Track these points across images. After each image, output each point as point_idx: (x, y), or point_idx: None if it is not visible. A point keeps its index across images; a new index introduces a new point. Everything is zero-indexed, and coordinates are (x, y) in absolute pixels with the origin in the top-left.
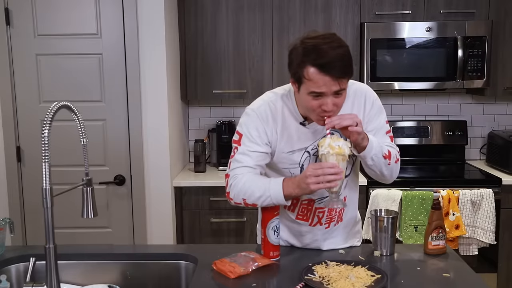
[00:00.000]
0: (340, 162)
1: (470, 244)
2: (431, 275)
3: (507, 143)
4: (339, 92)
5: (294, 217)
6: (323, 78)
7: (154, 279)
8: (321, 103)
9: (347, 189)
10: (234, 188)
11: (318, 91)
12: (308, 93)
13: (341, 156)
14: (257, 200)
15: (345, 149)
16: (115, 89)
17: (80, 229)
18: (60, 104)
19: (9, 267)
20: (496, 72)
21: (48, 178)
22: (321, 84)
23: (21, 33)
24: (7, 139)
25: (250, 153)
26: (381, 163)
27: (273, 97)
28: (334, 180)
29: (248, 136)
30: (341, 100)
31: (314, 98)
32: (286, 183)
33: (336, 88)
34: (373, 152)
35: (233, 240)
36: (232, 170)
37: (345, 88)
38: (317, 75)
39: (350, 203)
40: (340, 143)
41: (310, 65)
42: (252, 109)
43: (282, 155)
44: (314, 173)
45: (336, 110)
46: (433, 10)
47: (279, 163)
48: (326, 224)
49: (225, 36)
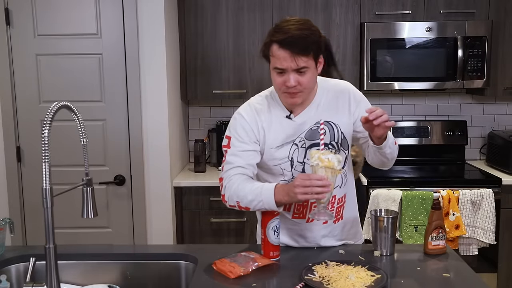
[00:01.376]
0: (329, 175)
1: (470, 244)
2: (431, 275)
3: (507, 143)
4: (301, 70)
5: (290, 216)
6: (283, 53)
7: (154, 279)
8: (284, 80)
9: (346, 187)
10: (228, 190)
11: (279, 66)
12: (273, 69)
13: (330, 170)
14: (249, 204)
15: (334, 162)
16: (115, 89)
17: (80, 229)
18: (60, 104)
19: (9, 267)
20: (496, 72)
21: (48, 178)
22: (281, 60)
23: (21, 33)
24: (7, 139)
25: (240, 153)
26: (395, 150)
27: (258, 98)
28: (322, 192)
29: (236, 137)
30: (305, 79)
31: (278, 74)
32: (278, 189)
33: (294, 66)
34: (390, 141)
35: (233, 240)
36: (225, 172)
37: (306, 67)
38: (277, 50)
39: (349, 200)
40: (330, 156)
41: (274, 43)
42: (238, 112)
43: (271, 151)
44: (302, 184)
45: (300, 88)
46: (433, 10)
47: (269, 161)
48: None
49: (225, 36)
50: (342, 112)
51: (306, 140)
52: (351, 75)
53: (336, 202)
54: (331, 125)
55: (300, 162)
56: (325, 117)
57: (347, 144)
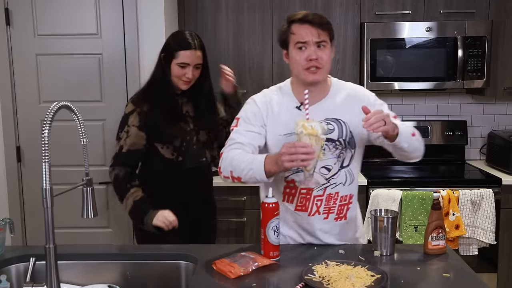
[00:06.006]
0: (314, 143)
1: (470, 244)
2: (431, 275)
3: (507, 143)
4: (321, 44)
5: (293, 208)
6: (304, 27)
7: (154, 279)
8: (306, 55)
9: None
10: (224, 161)
11: (302, 40)
12: (294, 46)
13: (314, 137)
14: (241, 173)
15: (318, 130)
16: (115, 89)
17: (80, 229)
18: (60, 104)
19: (9, 267)
20: (496, 72)
21: (48, 178)
22: (303, 34)
23: (21, 33)
24: (7, 139)
25: (244, 132)
26: (414, 142)
27: (272, 88)
28: (306, 159)
29: (244, 118)
30: (325, 55)
31: (299, 51)
32: (268, 159)
33: (316, 37)
34: (403, 136)
35: (233, 240)
36: (226, 147)
37: (325, 41)
38: (299, 26)
39: (356, 203)
40: (313, 124)
41: (293, 22)
42: (252, 98)
43: (279, 137)
44: (288, 151)
45: (321, 63)
46: (433, 10)
47: (278, 148)
48: (325, 214)
49: (225, 36)
50: (353, 113)
51: None
52: (351, 75)
53: (339, 199)
54: (339, 122)
55: None
56: (335, 114)
57: (354, 143)
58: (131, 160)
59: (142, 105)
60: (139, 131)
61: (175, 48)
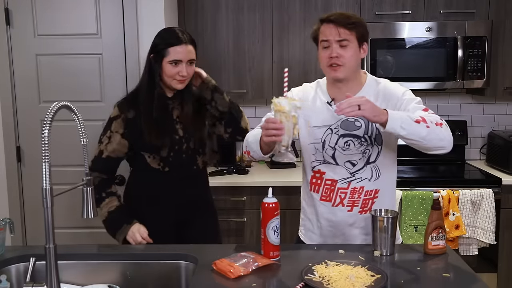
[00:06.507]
0: (283, 119)
1: (470, 244)
2: (431, 275)
3: (507, 143)
4: (343, 44)
5: (318, 198)
6: (328, 26)
7: (154, 279)
8: (329, 53)
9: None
10: (245, 140)
11: (325, 39)
12: (320, 44)
13: (283, 114)
14: (250, 147)
15: (285, 106)
16: (115, 89)
17: (80, 229)
18: (60, 104)
19: (9, 267)
20: (496, 72)
21: (48, 178)
22: (326, 32)
23: (21, 33)
24: (7, 139)
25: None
26: (416, 129)
27: (313, 83)
28: (276, 134)
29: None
30: (347, 53)
31: (324, 49)
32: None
33: (337, 36)
34: (399, 122)
35: (233, 240)
36: None
37: (347, 40)
38: (324, 26)
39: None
40: (282, 101)
41: (321, 23)
42: (292, 89)
43: (310, 128)
44: (265, 126)
45: (343, 61)
46: (433, 10)
47: (306, 138)
48: (349, 207)
49: (225, 36)
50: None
51: (341, 128)
52: None
53: (363, 193)
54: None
55: (331, 146)
56: None
57: (381, 140)
58: (109, 167)
59: (127, 112)
60: (122, 138)
61: (164, 46)
